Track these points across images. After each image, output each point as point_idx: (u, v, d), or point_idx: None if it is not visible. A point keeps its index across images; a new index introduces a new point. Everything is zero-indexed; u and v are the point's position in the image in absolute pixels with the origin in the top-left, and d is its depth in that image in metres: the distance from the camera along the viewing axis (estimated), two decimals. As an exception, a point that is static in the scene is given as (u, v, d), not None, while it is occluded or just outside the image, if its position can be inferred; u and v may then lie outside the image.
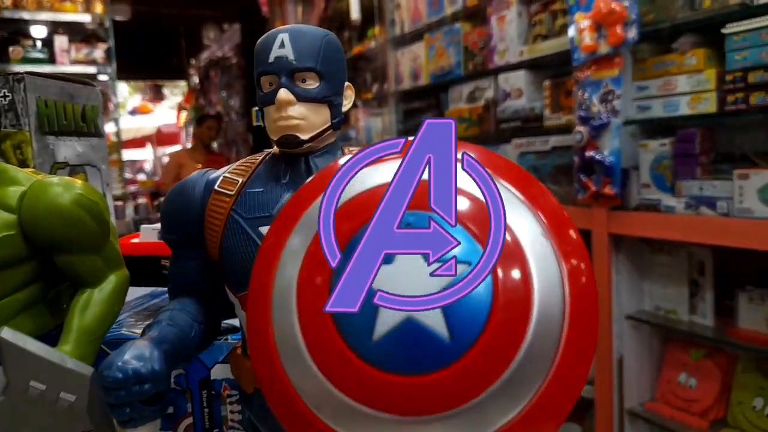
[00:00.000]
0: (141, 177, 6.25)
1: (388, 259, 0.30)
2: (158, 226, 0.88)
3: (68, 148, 0.71)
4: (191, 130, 7.09)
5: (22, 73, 0.68)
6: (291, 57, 0.50)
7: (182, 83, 7.64)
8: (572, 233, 0.34)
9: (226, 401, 0.74)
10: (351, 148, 0.56)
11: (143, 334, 0.51)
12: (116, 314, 0.59)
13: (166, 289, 0.97)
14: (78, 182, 0.57)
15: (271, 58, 0.51)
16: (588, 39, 1.81)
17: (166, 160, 7.14)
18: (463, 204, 0.33)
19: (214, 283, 0.56)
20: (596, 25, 1.79)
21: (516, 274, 0.30)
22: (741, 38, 1.54)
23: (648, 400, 1.87)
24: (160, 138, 7.51)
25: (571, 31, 1.87)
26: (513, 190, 0.35)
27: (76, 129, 0.78)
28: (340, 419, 0.29)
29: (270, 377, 0.33)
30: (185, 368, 0.75)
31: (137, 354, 0.45)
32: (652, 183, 1.77)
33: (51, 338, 0.56)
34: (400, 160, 0.37)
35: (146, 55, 6.09)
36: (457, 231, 0.31)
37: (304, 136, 0.51)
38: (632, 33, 1.71)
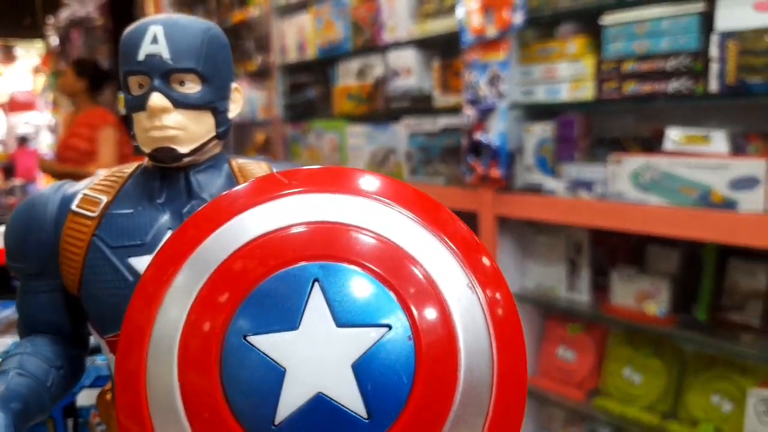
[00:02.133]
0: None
1: (292, 325, 0.25)
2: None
3: None
4: (49, 96, 6.43)
5: None
6: (166, 55, 0.42)
7: (39, 43, 6.88)
8: (486, 261, 0.31)
9: (95, 429, 0.66)
10: (239, 161, 0.49)
11: None
12: None
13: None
14: None
15: (141, 56, 0.43)
16: (476, 21, 1.82)
17: (24, 129, 6.45)
18: (374, 250, 0.28)
19: (72, 318, 0.48)
20: (484, 7, 1.80)
21: (439, 335, 0.26)
22: (616, 29, 1.61)
23: (531, 374, 1.97)
24: (14, 105, 6.75)
25: (460, 12, 1.87)
26: (427, 226, 0.30)
27: None
28: None
29: None
30: None
31: None
32: (535, 166, 1.83)
33: None
34: (294, 198, 0.31)
35: (-6, 11, 5.41)
36: (371, 284, 0.27)
37: (183, 149, 0.44)
38: (519, 18, 1.73)
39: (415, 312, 0.27)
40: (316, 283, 0.27)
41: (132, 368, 0.28)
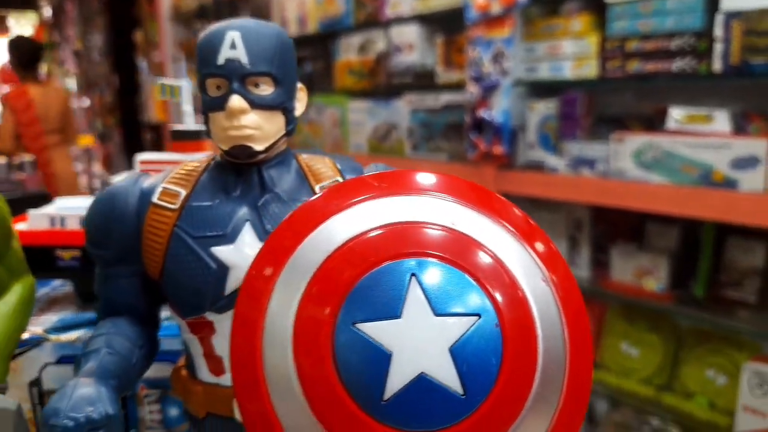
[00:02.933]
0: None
1: (395, 313, 0.29)
2: (49, 210, 0.76)
3: None
4: (44, 67, 6.35)
5: None
6: (244, 60, 0.45)
7: (32, 14, 6.77)
8: (546, 244, 0.34)
9: (143, 401, 0.69)
10: (303, 156, 0.51)
11: (79, 363, 0.45)
12: (25, 324, 0.54)
13: (56, 281, 0.86)
14: None
15: (221, 60, 0.44)
16: (481, -2, 1.81)
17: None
18: (460, 246, 0.32)
19: (150, 302, 0.51)
20: (489, -17, 1.79)
21: (521, 322, 0.30)
22: (621, 7, 1.61)
23: (529, 347, 2.01)
24: (5, 76, 6.66)
25: (465, -12, 1.86)
26: (499, 220, 0.33)
27: None
28: None
29: (258, 417, 0.30)
30: None
31: (86, 396, 0.40)
32: (538, 143, 1.84)
33: None
34: (377, 202, 0.34)
35: (-15, -20, 5.30)
36: (461, 278, 0.30)
37: (259, 147, 0.46)
38: (524, -6, 1.73)
39: (500, 303, 0.30)
40: (413, 277, 0.30)
41: (248, 355, 0.31)
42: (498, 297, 0.30)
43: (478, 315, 0.30)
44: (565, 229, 1.88)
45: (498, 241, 0.33)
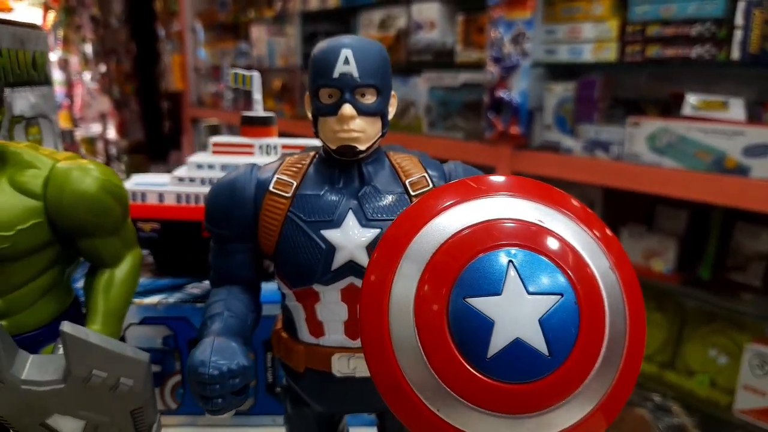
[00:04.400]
0: None
1: (497, 291, 0.37)
2: (130, 185, 0.84)
3: (23, 100, 0.64)
4: (60, 33, 6.37)
5: None
6: (356, 74, 0.52)
7: (47, -23, 6.75)
8: (602, 229, 0.41)
9: None
10: (392, 153, 0.58)
11: (205, 324, 0.54)
12: (134, 291, 0.60)
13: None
14: (94, 164, 0.56)
15: (336, 74, 0.52)
16: (504, -22, 1.83)
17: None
18: (546, 240, 0.40)
19: (259, 273, 0.59)
20: (513, -36, 1.81)
21: (594, 301, 0.38)
22: (644, -9, 1.63)
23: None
24: (24, 40, 6.68)
25: (488, -32, 1.88)
26: (575, 219, 0.41)
27: (28, 78, 0.71)
28: (455, 416, 0.36)
29: (392, 384, 0.38)
30: (174, 329, 0.76)
31: (225, 350, 0.49)
32: (554, 125, 1.88)
33: (68, 316, 0.58)
34: (476, 203, 0.42)
35: (4, -57, 5.29)
36: (547, 265, 0.38)
37: (362, 147, 0.54)
38: (547, -24, 1.75)
39: (576, 283, 0.38)
40: (511, 263, 0.38)
41: (377, 329, 0.39)
42: (575, 278, 0.38)
43: (561, 294, 0.37)
44: (577, 210, 1.92)
45: (567, 230, 0.41)
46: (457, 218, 0.41)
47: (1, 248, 0.51)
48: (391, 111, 0.56)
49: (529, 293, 0.37)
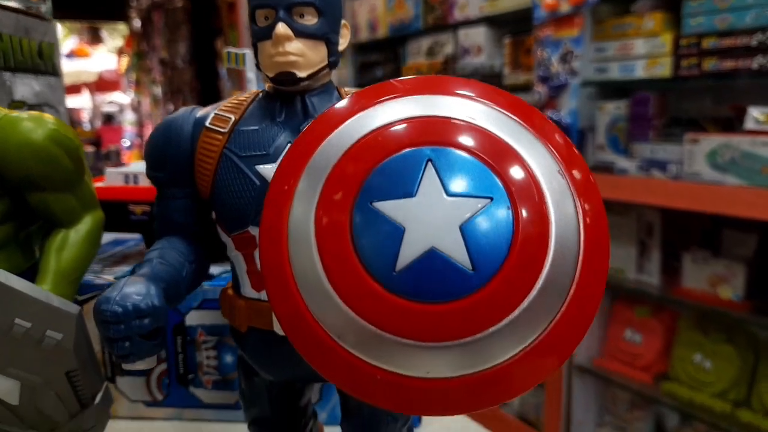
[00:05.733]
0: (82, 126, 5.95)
1: (410, 193, 0.31)
2: (124, 169, 0.84)
3: (26, 86, 0.66)
4: (133, 76, 6.75)
5: None
6: None
7: (121, 26, 7.22)
8: (581, 172, 0.34)
9: (201, 347, 0.74)
10: (346, 89, 0.54)
11: (133, 272, 0.50)
12: (93, 256, 0.57)
13: (131, 236, 0.93)
14: (50, 117, 0.54)
15: None
16: (549, -3, 1.79)
17: (109, 108, 6.83)
18: (477, 138, 0.33)
19: (201, 222, 0.55)
20: (558, -17, 1.77)
21: (534, 208, 0.31)
22: (697, 3, 1.55)
23: (595, 356, 1.95)
24: (100, 84, 7.14)
25: (533, -11, 1.85)
26: (522, 123, 0.34)
27: (33, 66, 0.73)
28: (362, 346, 0.30)
29: (290, 312, 0.33)
30: None
31: (135, 289, 0.44)
32: (607, 144, 1.80)
33: (24, 279, 0.54)
34: (399, 101, 0.36)
35: (84, -6, 5.70)
36: (475, 165, 0.32)
37: (302, 74, 0.49)
38: (594, -7, 1.70)
39: (513, 189, 0.31)
40: (429, 162, 0.32)
41: (276, 257, 0.33)
42: (512, 183, 0.31)
43: (490, 198, 0.31)
44: (635, 234, 1.82)
45: (504, 129, 0.34)
46: (369, 120, 0.35)
47: None
48: (342, 42, 0.52)
49: (449, 195, 0.31)
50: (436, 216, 0.31)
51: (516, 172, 0.32)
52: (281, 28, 0.47)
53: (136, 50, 6.47)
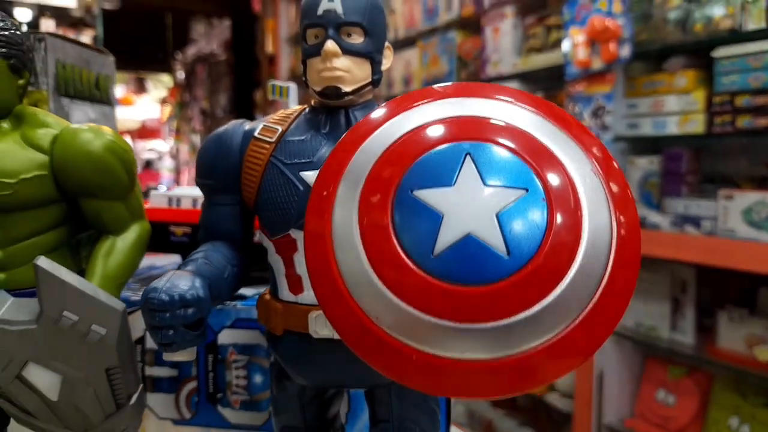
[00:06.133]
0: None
1: (448, 182, 0.33)
2: (167, 191, 0.88)
3: (81, 113, 0.71)
4: (174, 124, 7.02)
5: (43, 33, 0.68)
6: (339, 11, 0.52)
7: (165, 77, 7.56)
8: (619, 185, 0.36)
9: (231, 366, 0.75)
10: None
11: (179, 269, 0.52)
12: (137, 264, 0.60)
13: (168, 260, 0.96)
14: (109, 130, 0.58)
15: (320, 11, 0.52)
16: (582, 54, 1.83)
17: (149, 155, 7.09)
18: (515, 136, 0.35)
19: (245, 230, 0.58)
20: (590, 41, 1.81)
21: (568, 203, 0.32)
22: (729, 62, 1.57)
23: (626, 416, 1.89)
24: (143, 132, 7.42)
25: (566, 46, 1.89)
26: (561, 128, 0.36)
27: (90, 95, 0.79)
28: (399, 327, 0.32)
29: (331, 295, 0.34)
30: None
31: (181, 281, 0.47)
32: (639, 199, 1.79)
33: None
34: (435, 103, 0.38)
35: (132, 46, 6.01)
36: (512, 159, 0.34)
37: (347, 88, 0.52)
38: (625, 51, 1.73)
39: (548, 182, 0.33)
40: (468, 155, 0.34)
41: (320, 250, 0.35)
42: (547, 177, 0.33)
43: (526, 189, 0.33)
44: (669, 290, 1.79)
45: (540, 130, 0.36)
46: (405, 122, 0.37)
47: (4, 194, 0.52)
48: (385, 62, 0.55)
49: (487, 185, 0.33)
50: (473, 204, 0.32)
51: (552, 169, 0.34)
52: (330, 45, 0.51)
53: (178, 100, 6.73)
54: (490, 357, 0.31)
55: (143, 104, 7.79)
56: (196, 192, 0.89)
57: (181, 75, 6.65)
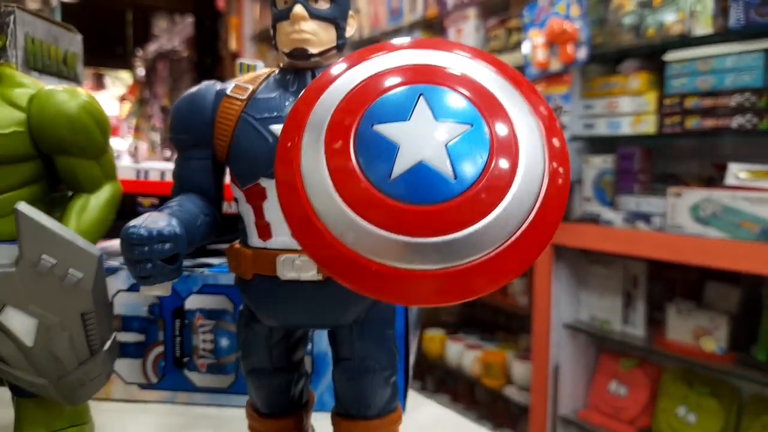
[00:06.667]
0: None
1: (404, 117, 0.38)
2: (135, 165, 0.89)
3: (50, 86, 0.72)
4: (133, 122, 6.89)
5: (13, 6, 0.68)
6: None
7: (124, 74, 7.41)
8: (560, 140, 0.41)
9: (198, 331, 0.77)
10: None
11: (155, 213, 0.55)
12: (109, 223, 0.62)
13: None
14: (83, 91, 0.60)
15: None
16: (541, 55, 1.89)
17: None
18: (467, 84, 0.40)
19: (216, 185, 0.61)
20: (549, 43, 1.87)
21: (510, 140, 0.38)
22: (680, 66, 1.64)
23: (581, 407, 1.95)
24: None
25: (526, 47, 1.94)
26: (511, 83, 0.41)
27: (58, 71, 0.79)
28: (360, 242, 0.37)
29: (300, 219, 0.39)
30: (159, 298, 0.77)
31: (158, 218, 0.50)
32: (594, 197, 1.85)
33: None
34: (393, 53, 0.42)
35: (91, 41, 5.87)
36: (461, 100, 0.39)
37: (313, 50, 0.56)
38: (582, 53, 1.79)
39: (492, 122, 0.38)
40: (421, 95, 0.39)
41: (293, 194, 0.39)
42: (492, 118, 0.38)
43: (471, 124, 0.38)
44: (621, 285, 1.85)
45: (483, 75, 0.41)
46: (362, 71, 0.41)
47: None
48: (349, 30, 0.59)
49: (438, 120, 0.37)
50: (425, 136, 0.37)
51: (497, 113, 0.39)
52: (298, 8, 0.55)
53: (138, 97, 6.61)
54: (436, 268, 0.36)
55: (102, 101, 7.62)
56: (164, 165, 0.91)
57: (141, 72, 6.53)
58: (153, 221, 0.49)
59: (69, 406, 0.56)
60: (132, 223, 0.49)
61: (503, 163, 0.36)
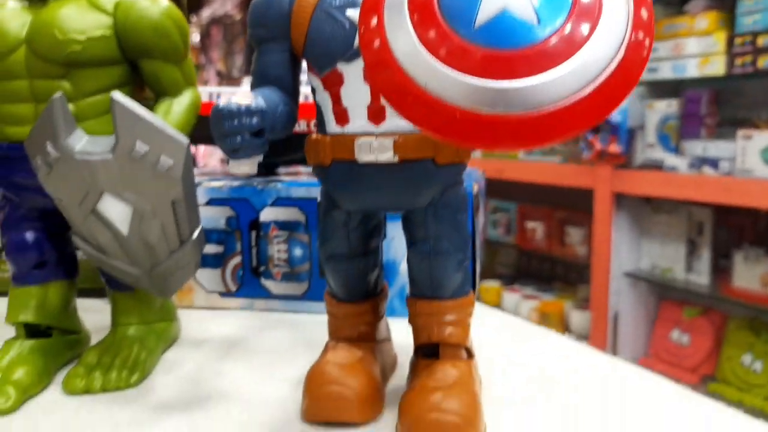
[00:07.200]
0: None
1: None
2: (207, 89, 0.95)
3: None
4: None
5: None
6: None
7: (182, 41, 7.53)
8: (649, 9, 0.41)
9: (272, 241, 0.81)
10: None
11: None
12: (191, 126, 0.65)
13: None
14: (167, 1, 0.63)
15: None
16: (602, -2, 1.83)
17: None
18: None
19: (294, 77, 0.62)
20: (611, -16, 1.80)
21: None
22: (753, 2, 1.56)
23: (641, 355, 1.94)
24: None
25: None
26: None
27: None
28: (445, 89, 0.38)
29: (387, 76, 0.40)
30: (236, 210, 0.82)
31: (245, 97, 0.52)
32: (657, 143, 1.80)
33: None
34: None
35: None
36: None
37: None
38: (646, -7, 1.72)
39: None
40: None
41: (382, 57, 0.40)
42: None
43: None
44: (685, 232, 1.81)
45: None
46: None
47: (74, 51, 0.59)
48: None
49: None
50: None
51: None
52: None
53: (194, 63, 6.73)
54: (520, 112, 0.37)
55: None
56: (235, 88, 0.93)
57: (195, 38, 6.64)
58: (240, 98, 0.52)
59: (160, 296, 0.60)
60: (221, 101, 0.52)
61: (586, 14, 0.36)
